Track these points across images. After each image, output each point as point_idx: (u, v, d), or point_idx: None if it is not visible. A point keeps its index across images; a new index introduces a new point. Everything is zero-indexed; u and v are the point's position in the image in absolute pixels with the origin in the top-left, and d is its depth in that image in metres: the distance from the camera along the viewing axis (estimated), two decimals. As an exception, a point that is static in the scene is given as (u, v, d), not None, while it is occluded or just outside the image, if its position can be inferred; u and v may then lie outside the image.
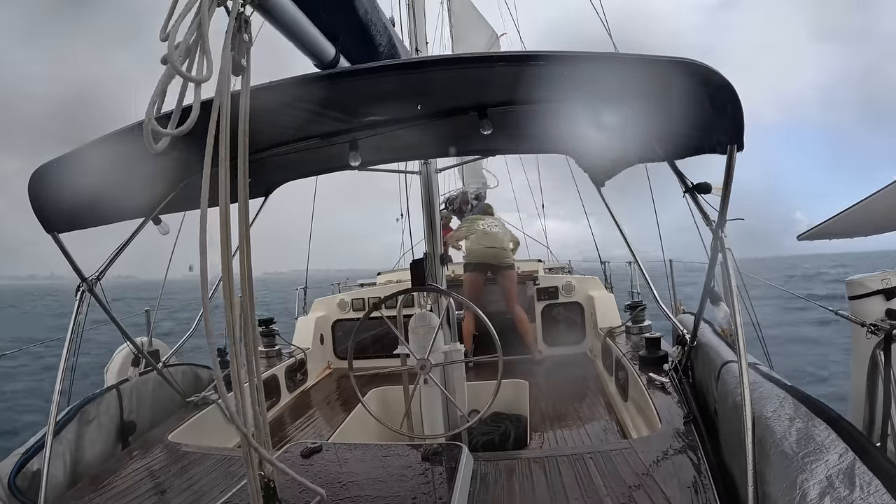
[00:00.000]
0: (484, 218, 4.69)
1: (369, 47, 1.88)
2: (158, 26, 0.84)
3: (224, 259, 0.94)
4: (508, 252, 4.41)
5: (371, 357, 4.19)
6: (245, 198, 1.02)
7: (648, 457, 1.73)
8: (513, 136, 2.32)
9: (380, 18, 1.89)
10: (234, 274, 0.99)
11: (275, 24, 1.47)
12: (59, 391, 1.90)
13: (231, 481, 1.76)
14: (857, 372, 2.53)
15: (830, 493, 1.00)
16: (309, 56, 1.69)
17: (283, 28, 1.49)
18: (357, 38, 1.81)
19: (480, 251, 4.33)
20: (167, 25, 0.83)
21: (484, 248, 4.33)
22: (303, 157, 2.33)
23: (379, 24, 1.87)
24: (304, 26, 1.54)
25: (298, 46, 1.61)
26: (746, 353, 1.41)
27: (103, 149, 1.65)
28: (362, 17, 1.76)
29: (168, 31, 0.82)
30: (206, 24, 0.87)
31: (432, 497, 1.44)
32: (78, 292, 2.08)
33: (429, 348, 2.15)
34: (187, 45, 0.85)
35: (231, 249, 0.95)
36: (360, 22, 1.77)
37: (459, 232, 4.70)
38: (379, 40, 1.89)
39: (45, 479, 1.70)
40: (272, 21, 1.45)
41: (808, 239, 3.29)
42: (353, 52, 1.82)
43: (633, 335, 3.47)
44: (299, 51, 1.64)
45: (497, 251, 4.31)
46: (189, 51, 0.85)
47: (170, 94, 0.87)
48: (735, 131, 1.36)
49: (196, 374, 2.98)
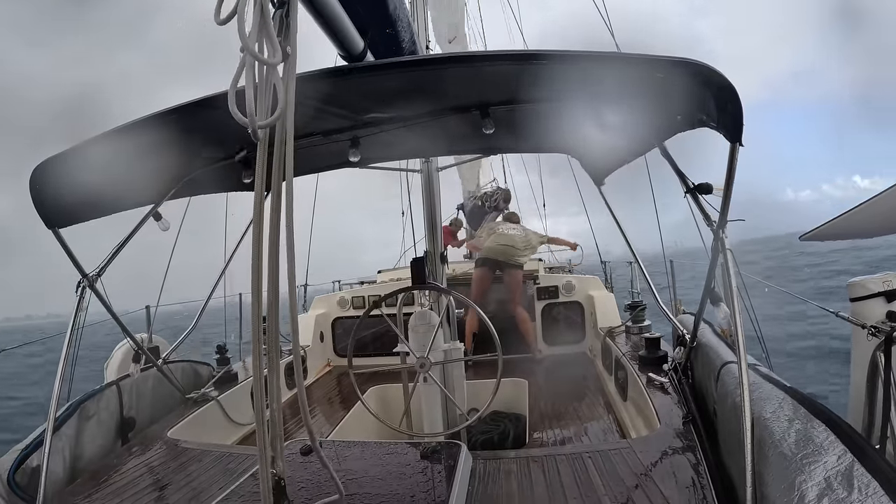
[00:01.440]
0: (504, 224, 4.73)
1: (394, 43, 1.88)
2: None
3: (256, 250, 0.94)
4: (520, 252, 4.38)
5: (371, 355, 4.20)
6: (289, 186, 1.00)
7: (647, 457, 1.73)
8: (515, 135, 2.32)
9: (405, 14, 1.89)
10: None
11: (314, 14, 1.48)
12: (58, 387, 1.90)
13: (230, 478, 1.76)
14: (856, 374, 2.53)
15: (829, 495, 1.00)
16: (339, 48, 1.70)
17: (322, 18, 1.50)
18: (384, 32, 1.81)
19: (492, 248, 4.35)
20: (220, 10, 0.84)
21: (497, 245, 4.35)
22: (303, 155, 2.33)
23: (404, 19, 1.87)
24: (340, 16, 1.55)
25: (331, 37, 1.62)
26: (746, 353, 1.41)
27: (104, 145, 1.66)
28: (391, 12, 1.76)
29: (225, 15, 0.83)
30: (269, 9, 0.89)
31: (431, 495, 1.45)
32: (78, 288, 2.09)
33: (428, 346, 2.15)
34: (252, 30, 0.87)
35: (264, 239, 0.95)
36: (389, 17, 1.77)
37: (481, 239, 4.70)
38: (403, 36, 1.89)
39: (45, 474, 1.71)
40: (312, 11, 1.46)
41: (811, 240, 3.28)
42: (379, 47, 1.83)
43: (633, 335, 3.47)
44: (330, 41, 1.64)
45: (508, 249, 4.31)
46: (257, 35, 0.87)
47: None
48: (735, 129, 1.36)
49: (196, 370, 2.99)
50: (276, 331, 1.03)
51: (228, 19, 0.83)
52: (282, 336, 3.83)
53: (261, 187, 0.95)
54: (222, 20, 0.84)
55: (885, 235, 3.22)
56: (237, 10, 0.83)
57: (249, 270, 0.97)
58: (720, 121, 1.39)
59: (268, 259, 0.96)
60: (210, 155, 2.12)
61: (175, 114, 1.56)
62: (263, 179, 0.95)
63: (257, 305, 0.95)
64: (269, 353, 1.01)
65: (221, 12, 0.84)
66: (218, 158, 2.13)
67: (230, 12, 0.83)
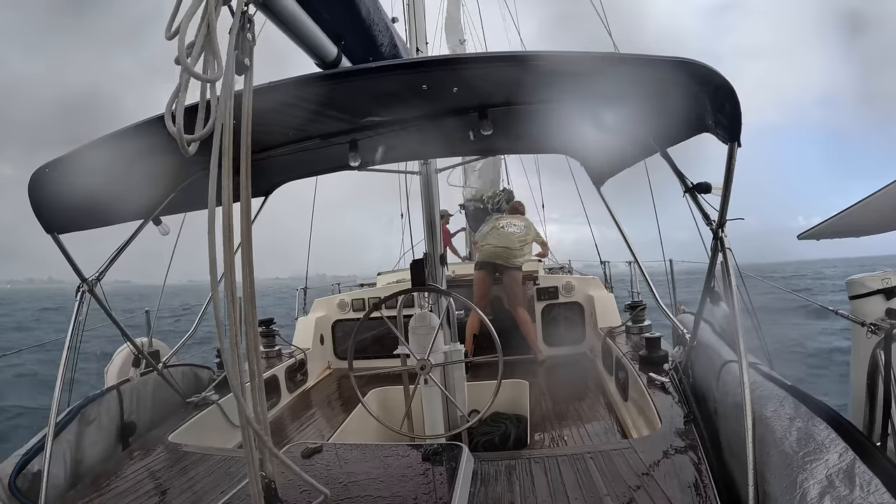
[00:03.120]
0: (510, 217, 4.66)
1: (371, 47, 1.88)
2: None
3: (227, 257, 0.94)
4: (518, 253, 4.35)
5: (371, 357, 4.19)
6: (247, 196, 1.02)
7: (649, 456, 1.73)
8: (513, 136, 2.32)
9: (382, 18, 1.89)
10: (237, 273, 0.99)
11: (277, 24, 1.47)
12: (59, 392, 1.90)
13: (231, 482, 1.76)
14: (857, 371, 2.53)
15: (830, 493, 1.00)
16: (311, 56, 1.69)
17: (286, 27, 1.49)
18: (359, 37, 1.81)
19: (490, 250, 4.33)
20: (172, 25, 0.83)
21: (494, 247, 4.33)
22: (302, 158, 2.33)
23: (381, 23, 1.87)
24: (307, 25, 1.54)
25: (301, 45, 1.61)
26: (746, 353, 1.41)
27: (103, 150, 1.66)
28: (364, 17, 1.76)
29: (173, 30, 0.83)
30: (215, 23, 0.87)
31: (433, 497, 1.44)
32: (78, 293, 2.08)
33: (429, 348, 2.15)
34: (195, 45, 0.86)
35: (233, 247, 0.95)
36: (363, 21, 1.76)
37: (482, 234, 4.68)
38: (381, 40, 1.89)
39: (46, 479, 1.70)
40: (275, 20, 1.45)
41: (809, 238, 3.29)
42: (354, 52, 1.82)
43: (633, 335, 3.47)
44: (302, 50, 1.63)
45: (506, 251, 4.29)
46: (200, 50, 0.86)
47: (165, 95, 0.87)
48: (733, 129, 1.36)
49: (196, 374, 2.98)
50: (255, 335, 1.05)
51: (173, 36, 0.83)
52: (282, 338, 3.83)
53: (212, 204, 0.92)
54: (169, 36, 0.83)
55: (881, 233, 3.23)
56: (179, 27, 0.82)
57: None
58: (718, 120, 1.40)
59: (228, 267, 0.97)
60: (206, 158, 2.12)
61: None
62: (215, 194, 0.92)
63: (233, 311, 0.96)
64: (248, 354, 1.03)
65: (173, 27, 0.83)
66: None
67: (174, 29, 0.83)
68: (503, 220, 4.56)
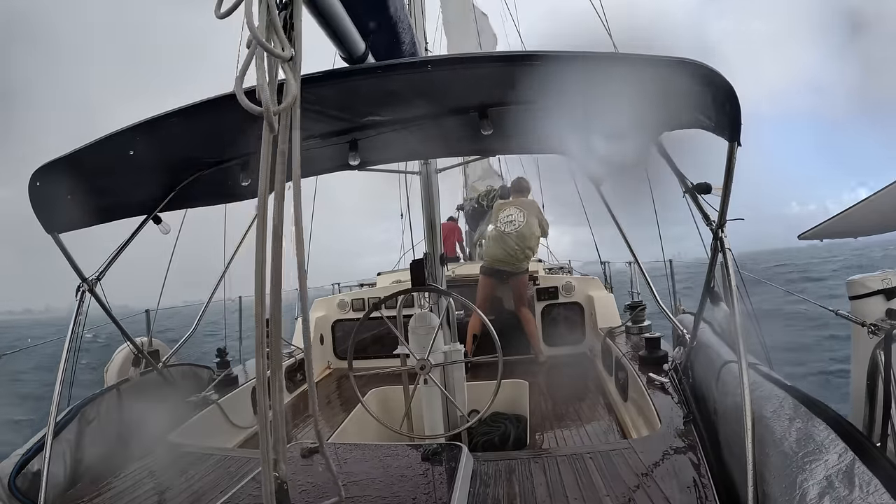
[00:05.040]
0: (509, 207, 4.49)
1: (395, 45, 1.88)
2: None
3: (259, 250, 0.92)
4: (521, 255, 4.30)
5: (371, 357, 4.19)
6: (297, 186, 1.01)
7: (648, 457, 1.73)
8: (513, 136, 2.32)
9: (406, 16, 1.90)
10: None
11: (316, 15, 1.49)
12: (59, 391, 1.90)
13: (231, 481, 1.76)
14: (857, 372, 2.53)
15: (830, 493, 1.00)
16: (340, 49, 1.70)
17: (323, 19, 1.51)
18: (385, 34, 1.81)
19: (496, 256, 4.29)
20: (220, 5, 0.82)
21: (498, 254, 4.29)
22: (302, 158, 2.33)
23: (405, 21, 1.88)
24: (342, 17, 1.56)
25: (333, 39, 1.62)
26: (746, 353, 1.41)
27: (103, 149, 1.66)
28: (392, 14, 1.77)
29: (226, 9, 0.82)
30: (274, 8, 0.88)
31: (432, 497, 1.44)
32: (78, 292, 2.08)
33: (429, 348, 2.15)
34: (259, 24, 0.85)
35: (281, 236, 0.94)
36: (390, 18, 1.78)
37: (484, 234, 4.63)
38: (404, 38, 1.90)
39: (46, 479, 1.70)
40: (314, 11, 1.47)
41: (810, 238, 3.29)
42: (380, 49, 1.83)
43: (633, 335, 3.47)
44: (332, 44, 1.65)
45: (511, 258, 4.25)
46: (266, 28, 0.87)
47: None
48: (733, 129, 1.36)
49: (196, 374, 2.98)
50: (278, 332, 1.03)
51: (230, 12, 0.81)
52: (283, 339, 3.81)
53: (265, 183, 0.92)
54: (223, 13, 0.82)
55: (882, 234, 3.23)
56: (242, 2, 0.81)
57: (249, 273, 0.96)
58: (718, 120, 1.40)
59: (271, 258, 0.94)
60: (210, 158, 2.12)
61: (174, 116, 1.56)
62: (267, 175, 0.93)
63: (261, 306, 0.94)
64: (271, 355, 1.01)
65: (223, 5, 0.82)
66: (217, 161, 2.13)
67: (232, 5, 0.82)
68: (503, 213, 4.44)
